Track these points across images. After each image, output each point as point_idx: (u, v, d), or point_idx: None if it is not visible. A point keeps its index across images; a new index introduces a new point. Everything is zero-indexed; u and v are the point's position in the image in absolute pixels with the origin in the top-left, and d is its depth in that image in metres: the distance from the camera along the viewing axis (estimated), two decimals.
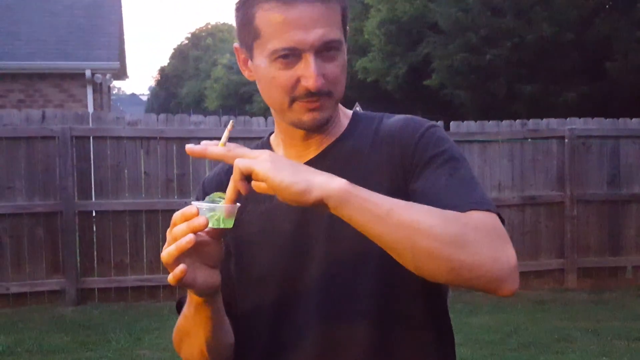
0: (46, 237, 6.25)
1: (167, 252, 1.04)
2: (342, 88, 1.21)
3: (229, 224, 1.07)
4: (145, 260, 6.46)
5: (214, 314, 1.18)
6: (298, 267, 1.23)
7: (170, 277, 1.06)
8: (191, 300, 1.17)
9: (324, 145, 1.28)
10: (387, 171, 1.22)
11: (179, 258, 1.04)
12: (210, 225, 1.05)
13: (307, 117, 1.19)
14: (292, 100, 1.18)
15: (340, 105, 1.29)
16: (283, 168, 1.01)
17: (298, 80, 1.16)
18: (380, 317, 1.21)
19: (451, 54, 17.04)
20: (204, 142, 1.08)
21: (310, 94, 1.16)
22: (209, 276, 1.11)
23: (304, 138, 1.27)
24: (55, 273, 6.26)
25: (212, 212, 1.06)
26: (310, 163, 1.23)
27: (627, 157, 7.28)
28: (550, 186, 7.18)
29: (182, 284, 1.08)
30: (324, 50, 1.16)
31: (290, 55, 1.15)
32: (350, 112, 1.34)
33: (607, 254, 7.25)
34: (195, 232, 1.03)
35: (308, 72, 1.15)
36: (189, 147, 1.08)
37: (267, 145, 1.35)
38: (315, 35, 1.15)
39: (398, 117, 1.30)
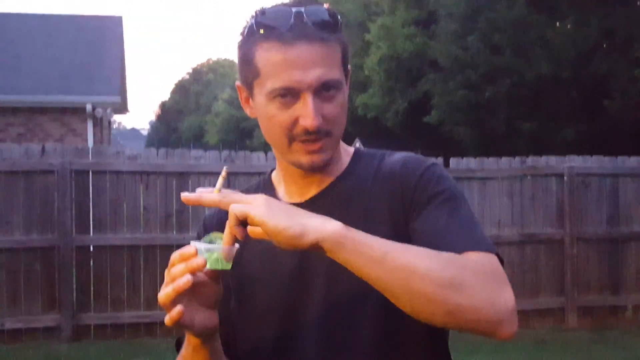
0: (43, 272, 6.20)
1: (165, 293, 1.03)
2: (341, 127, 1.22)
3: (228, 266, 1.06)
4: (142, 296, 6.40)
5: (212, 354, 1.17)
6: (298, 305, 1.22)
7: (167, 319, 1.05)
8: (189, 341, 1.16)
9: (325, 184, 1.28)
10: (388, 209, 1.22)
11: (177, 299, 1.03)
12: (208, 266, 1.04)
13: (305, 159, 1.20)
14: (291, 140, 1.19)
15: (341, 142, 1.29)
16: (278, 212, 1.00)
17: (296, 120, 1.16)
18: (380, 356, 1.19)
19: (451, 90, 17.16)
20: (198, 190, 1.07)
21: (309, 133, 1.17)
22: (206, 317, 1.10)
23: (304, 176, 1.27)
24: (51, 309, 6.20)
25: (211, 252, 1.05)
26: (312, 201, 1.25)
27: (626, 196, 7.28)
28: (549, 224, 7.16)
29: (179, 326, 1.07)
30: (323, 90, 1.17)
31: (288, 95, 1.16)
32: (351, 149, 1.34)
33: (607, 292, 7.20)
34: (193, 273, 1.03)
35: (306, 112, 1.15)
36: (184, 195, 1.07)
37: (268, 182, 1.36)
38: (313, 75, 1.16)
39: (399, 155, 1.30)
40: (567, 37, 15.04)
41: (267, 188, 1.34)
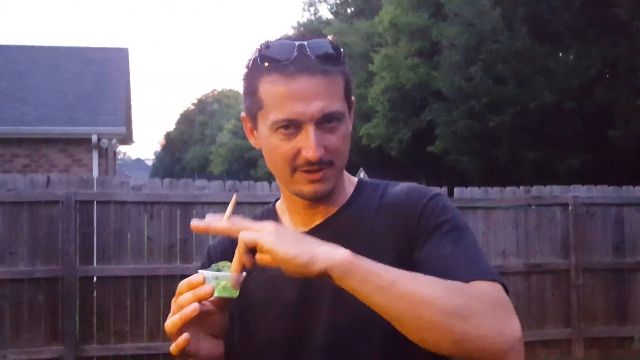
0: (46, 303, 6.18)
1: (171, 321, 1.04)
2: (344, 158, 1.24)
3: (235, 294, 1.08)
4: (145, 327, 6.36)
5: None
6: (302, 334, 1.23)
7: (173, 347, 1.05)
8: None
9: (330, 213, 1.30)
10: (392, 238, 1.23)
11: (183, 327, 1.04)
12: (216, 294, 1.05)
13: (308, 189, 1.22)
14: (294, 170, 1.21)
15: (345, 172, 1.32)
16: (287, 240, 1.02)
17: (299, 151, 1.19)
18: None
19: (454, 120, 17.22)
20: (208, 217, 1.09)
21: (311, 164, 1.19)
22: (213, 346, 1.12)
23: (308, 206, 1.29)
24: (54, 340, 6.16)
25: (219, 280, 1.06)
26: (316, 230, 1.27)
27: (632, 225, 7.25)
28: (555, 254, 7.13)
29: (185, 355, 1.08)
30: (325, 121, 1.19)
31: (291, 126, 1.19)
32: (355, 179, 1.36)
33: (614, 323, 7.14)
34: (200, 301, 1.04)
35: (308, 143, 1.18)
36: (194, 223, 1.08)
37: (272, 212, 1.38)
38: (315, 107, 1.18)
39: (402, 185, 1.32)
40: (569, 68, 15.13)
41: (272, 217, 1.36)
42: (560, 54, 16.38)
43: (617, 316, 7.16)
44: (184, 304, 1.04)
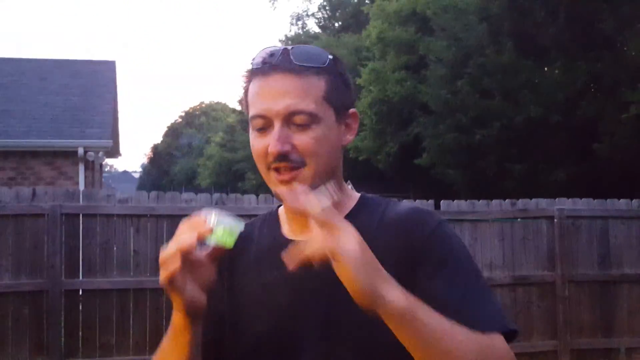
0: (31, 316, 6.13)
1: (167, 251, 1.09)
2: (321, 161, 1.23)
3: (230, 244, 1.10)
4: (131, 340, 6.32)
5: (192, 344, 1.18)
6: (292, 344, 1.23)
7: (163, 276, 1.08)
8: (174, 322, 1.18)
9: None
10: (394, 255, 1.21)
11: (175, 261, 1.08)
12: (213, 239, 1.09)
13: (280, 190, 1.21)
14: (267, 169, 1.24)
15: (347, 187, 1.34)
16: (363, 261, 1.01)
17: (267, 148, 1.21)
18: None
19: (441, 133, 17.29)
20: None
21: (276, 160, 1.20)
22: (197, 294, 1.12)
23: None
24: (39, 354, 6.10)
25: (218, 226, 1.09)
26: None
27: (616, 238, 7.31)
28: (541, 266, 7.17)
29: (172, 285, 1.09)
30: (293, 120, 1.21)
31: (265, 126, 1.22)
32: (357, 194, 1.35)
33: (599, 335, 7.18)
34: (199, 237, 1.07)
35: (271, 138, 1.20)
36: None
37: (275, 216, 1.38)
38: (282, 104, 1.20)
39: (406, 205, 1.32)
40: (555, 82, 15.25)
41: (273, 222, 1.36)
42: (546, 68, 16.51)
43: (603, 328, 7.19)
44: (182, 238, 1.08)
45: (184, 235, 1.08)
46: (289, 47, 1.24)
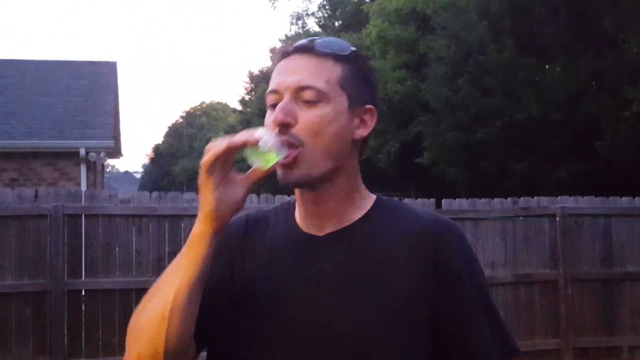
0: (34, 317, 6.14)
1: (218, 142, 1.14)
2: (322, 143, 1.22)
3: (265, 167, 1.16)
4: None
5: (203, 261, 1.17)
6: (303, 337, 1.22)
7: (206, 158, 1.13)
8: (191, 235, 1.18)
9: (344, 224, 1.28)
10: (413, 265, 1.22)
11: (219, 157, 1.13)
12: (255, 154, 1.14)
13: (279, 170, 1.22)
14: None
15: (362, 187, 1.33)
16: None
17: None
18: None
19: (442, 132, 17.27)
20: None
21: (279, 132, 1.19)
22: (225, 201, 1.16)
23: (315, 211, 1.28)
24: (42, 354, 6.11)
25: (266, 146, 1.14)
26: (330, 237, 1.27)
27: (619, 236, 7.30)
28: (543, 264, 7.16)
29: (210, 169, 1.13)
30: (302, 95, 1.21)
31: (276, 101, 1.24)
32: (373, 196, 1.34)
33: (602, 333, 7.17)
34: (247, 143, 1.13)
35: (276, 109, 1.22)
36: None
37: (292, 206, 1.37)
38: (293, 78, 1.22)
39: (430, 215, 1.31)
40: (556, 80, 15.23)
41: (290, 211, 1.36)
42: (547, 66, 16.49)
43: (605, 326, 7.19)
44: (236, 138, 1.13)
45: (237, 136, 1.13)
46: (318, 38, 1.28)
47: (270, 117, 1.23)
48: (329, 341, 1.19)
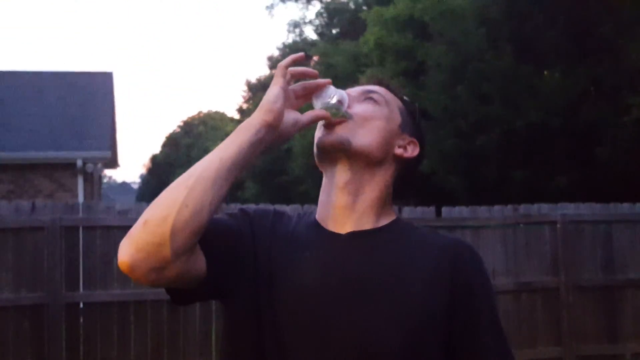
0: (32, 330, 6.08)
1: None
2: (370, 127, 1.36)
3: (329, 115, 1.32)
4: (132, 353, 6.27)
5: (246, 146, 1.24)
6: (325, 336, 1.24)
7: (285, 61, 1.29)
8: (246, 121, 1.27)
9: (365, 226, 1.34)
10: (432, 267, 1.29)
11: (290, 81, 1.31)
12: (324, 101, 1.31)
13: (319, 133, 1.36)
14: (320, 127, 1.37)
15: (391, 207, 1.41)
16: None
17: None
18: None
19: (442, 139, 17.24)
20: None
21: (336, 107, 1.34)
22: (296, 116, 1.32)
23: (343, 201, 1.34)
24: None
25: (335, 95, 1.32)
26: (355, 235, 1.32)
27: (620, 242, 7.25)
28: (545, 272, 7.11)
29: (286, 70, 1.28)
30: (366, 95, 1.39)
31: None
32: (395, 214, 1.43)
33: (605, 341, 7.11)
34: (316, 80, 1.34)
35: None
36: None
37: (313, 213, 1.42)
38: (362, 87, 1.44)
39: (450, 236, 1.44)
40: (555, 86, 15.22)
41: (311, 215, 1.42)
42: (545, 73, 16.49)
43: (608, 333, 7.14)
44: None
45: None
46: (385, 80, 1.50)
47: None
48: (346, 338, 1.22)
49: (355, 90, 1.41)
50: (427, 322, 1.24)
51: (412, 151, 1.42)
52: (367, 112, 1.36)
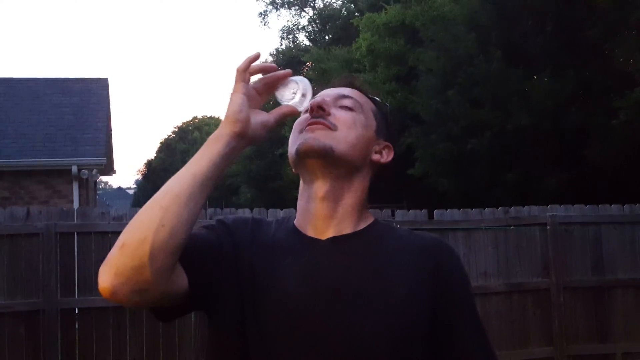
0: (28, 336, 6.11)
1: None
2: (353, 136, 1.35)
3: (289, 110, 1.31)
4: (128, 358, 6.31)
5: (217, 159, 1.22)
6: (289, 329, 1.25)
7: (247, 58, 1.26)
8: (212, 135, 1.24)
9: (346, 230, 1.35)
10: (413, 269, 1.30)
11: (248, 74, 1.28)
12: (288, 93, 1.29)
13: (300, 139, 1.33)
14: (299, 132, 1.35)
15: (367, 209, 1.42)
16: None
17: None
18: None
19: (433, 143, 17.30)
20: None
21: (314, 116, 1.33)
22: (264, 116, 1.30)
23: (322, 209, 1.34)
24: None
25: (298, 88, 1.30)
26: (335, 240, 1.33)
27: (609, 243, 7.33)
28: (535, 273, 7.19)
29: (245, 72, 1.25)
30: (341, 102, 1.38)
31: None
32: (372, 217, 1.43)
33: (596, 340, 7.19)
34: (278, 76, 1.31)
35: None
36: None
37: (292, 219, 1.42)
38: (335, 91, 1.42)
39: (429, 235, 1.43)
40: (544, 90, 15.30)
41: (290, 221, 1.42)
42: (535, 77, 16.58)
43: (599, 333, 7.21)
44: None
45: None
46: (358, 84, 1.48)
47: (302, 117, 1.37)
48: (331, 345, 1.22)
49: (329, 94, 1.39)
50: (412, 326, 1.24)
51: (388, 155, 1.45)
52: (347, 121, 1.34)
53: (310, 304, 1.24)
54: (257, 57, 1.25)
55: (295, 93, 1.28)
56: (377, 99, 1.47)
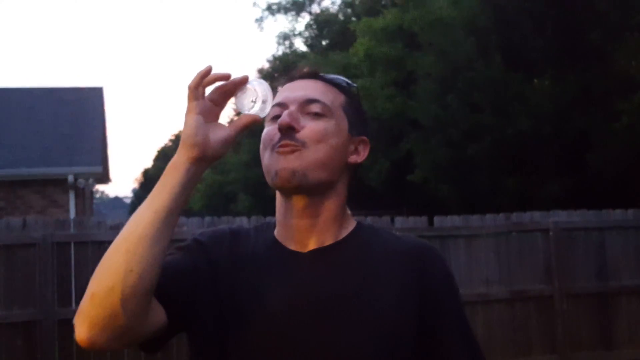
0: (25, 347, 6.04)
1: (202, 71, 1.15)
2: (322, 152, 1.25)
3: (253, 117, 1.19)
4: None
5: (177, 189, 1.15)
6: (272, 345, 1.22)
7: (194, 79, 1.13)
8: (169, 164, 1.18)
9: (328, 241, 1.30)
10: (399, 276, 1.27)
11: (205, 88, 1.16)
12: (246, 102, 1.18)
13: (276, 166, 1.24)
14: (272, 151, 1.25)
15: (348, 213, 1.35)
16: None
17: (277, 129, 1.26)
18: None
19: (433, 149, 17.27)
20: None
21: (283, 136, 1.23)
22: (222, 131, 1.17)
23: (302, 225, 1.28)
24: None
25: (258, 95, 1.18)
26: (316, 253, 1.28)
27: (613, 249, 7.26)
28: (538, 280, 7.11)
29: (197, 90, 1.14)
30: (308, 108, 1.27)
31: (280, 113, 1.26)
32: (355, 220, 1.38)
33: (600, 348, 7.12)
34: (234, 82, 1.17)
35: (283, 114, 1.25)
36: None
37: (273, 224, 1.36)
38: (301, 93, 1.29)
39: (412, 238, 1.37)
40: (545, 94, 15.27)
41: (269, 230, 1.36)
42: (535, 80, 16.54)
43: (602, 341, 7.14)
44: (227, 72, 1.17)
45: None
46: (319, 71, 1.37)
47: (270, 127, 1.27)
48: (318, 358, 1.19)
49: (295, 99, 1.29)
50: (399, 336, 1.22)
51: (364, 151, 1.37)
52: (318, 134, 1.25)
53: (293, 321, 1.21)
54: (208, 71, 1.13)
55: (255, 101, 1.18)
56: (343, 79, 1.38)
